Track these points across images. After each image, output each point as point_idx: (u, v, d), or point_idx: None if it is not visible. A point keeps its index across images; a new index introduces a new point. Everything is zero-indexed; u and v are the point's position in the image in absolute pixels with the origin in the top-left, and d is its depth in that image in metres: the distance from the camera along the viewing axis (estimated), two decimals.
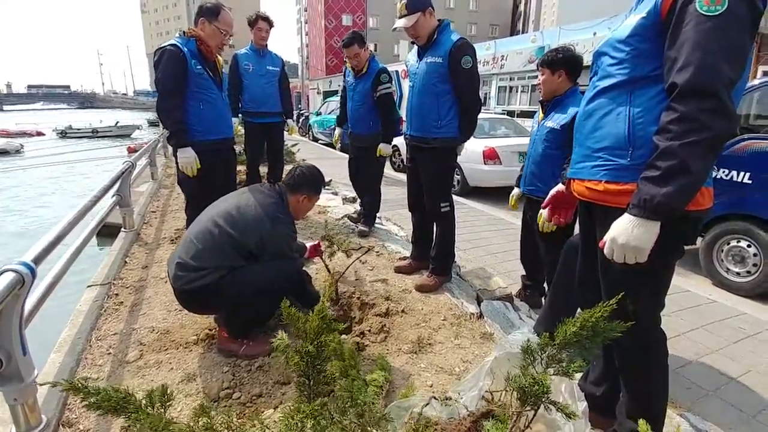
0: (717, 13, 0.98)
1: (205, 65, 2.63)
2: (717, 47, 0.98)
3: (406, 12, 2.37)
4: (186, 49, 2.53)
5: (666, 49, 1.07)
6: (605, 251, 1.14)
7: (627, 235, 1.07)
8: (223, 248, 1.88)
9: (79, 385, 0.88)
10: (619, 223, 1.10)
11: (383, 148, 3.51)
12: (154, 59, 2.56)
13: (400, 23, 2.41)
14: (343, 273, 2.62)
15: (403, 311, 2.38)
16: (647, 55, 1.13)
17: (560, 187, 1.74)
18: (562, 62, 2.26)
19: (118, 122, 28.81)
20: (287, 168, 3.19)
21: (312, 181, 2.16)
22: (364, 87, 3.50)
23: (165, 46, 2.54)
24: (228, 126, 2.88)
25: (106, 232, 4.03)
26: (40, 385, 1.28)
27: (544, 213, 1.92)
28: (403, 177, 2.90)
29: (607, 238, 1.13)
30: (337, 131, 4.12)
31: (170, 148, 2.80)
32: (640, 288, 1.23)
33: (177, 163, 2.64)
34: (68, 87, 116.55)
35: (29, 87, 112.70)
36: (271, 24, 4.01)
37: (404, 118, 2.84)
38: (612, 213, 1.17)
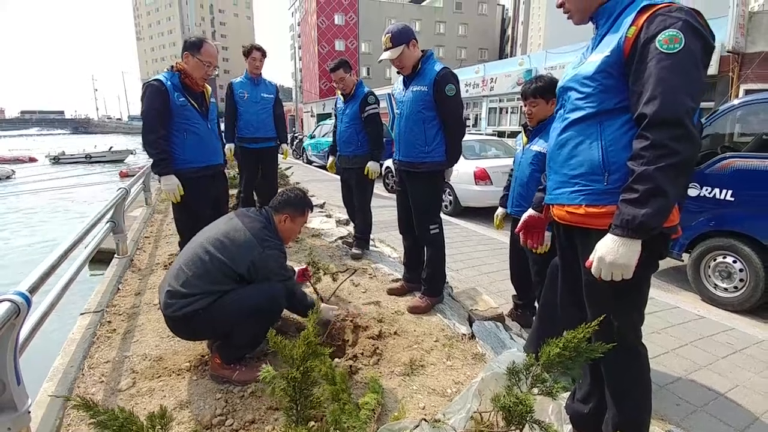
0: (675, 51, 1.09)
1: (190, 96, 2.74)
2: (678, 81, 1.09)
3: (391, 45, 2.49)
4: (169, 83, 2.67)
5: (631, 84, 1.18)
6: (593, 271, 1.20)
7: (614, 254, 1.14)
8: (213, 274, 1.90)
9: (89, 402, 0.91)
10: (604, 243, 1.17)
11: (371, 167, 3.59)
12: (141, 94, 2.71)
13: (385, 55, 2.53)
14: (330, 297, 2.64)
15: (395, 333, 2.41)
16: (613, 89, 1.23)
17: (531, 212, 1.81)
18: (554, 90, 2.34)
19: (111, 147, 28.81)
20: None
21: (294, 202, 2.21)
22: (352, 109, 3.64)
23: (149, 81, 2.68)
24: (214, 153, 2.96)
25: (98, 258, 4.03)
26: (52, 396, 1.28)
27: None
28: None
29: (594, 258, 1.20)
30: (331, 159, 4.17)
31: None
32: (623, 304, 1.30)
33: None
34: (62, 113, 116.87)
35: (22, 113, 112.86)
36: (264, 54, 4.17)
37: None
38: (593, 234, 1.24)
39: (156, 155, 2.67)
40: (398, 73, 2.67)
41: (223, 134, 3.95)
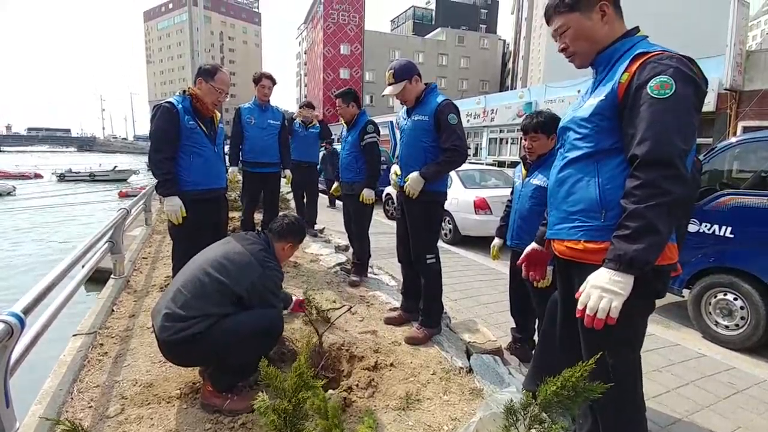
0: (666, 96, 1.14)
1: (200, 120, 2.79)
2: (669, 124, 1.13)
3: (393, 81, 2.58)
4: (181, 106, 2.72)
5: (624, 126, 1.22)
6: (582, 298, 1.20)
7: (605, 281, 1.15)
8: (212, 296, 1.89)
9: (78, 428, 0.88)
10: (597, 273, 1.19)
11: (365, 193, 3.62)
12: (151, 114, 2.75)
13: (387, 90, 2.63)
14: (325, 331, 2.58)
15: (391, 364, 2.36)
16: (608, 130, 1.27)
17: (534, 245, 1.82)
18: (554, 126, 2.38)
19: (116, 167, 29.10)
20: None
21: (298, 231, 2.28)
22: (353, 137, 3.72)
23: (161, 103, 2.74)
24: (218, 177, 2.99)
25: (94, 276, 4.01)
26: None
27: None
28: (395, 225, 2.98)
29: (584, 285, 1.21)
30: (336, 185, 4.22)
31: None
32: (617, 341, 1.29)
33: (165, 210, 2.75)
34: (69, 131, 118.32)
35: (29, 129, 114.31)
36: (274, 82, 4.31)
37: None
38: (590, 269, 1.24)
39: (161, 175, 2.69)
40: (402, 104, 2.74)
41: (227, 156, 4.01)
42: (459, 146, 2.55)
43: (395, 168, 2.86)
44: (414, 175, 2.58)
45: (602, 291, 1.15)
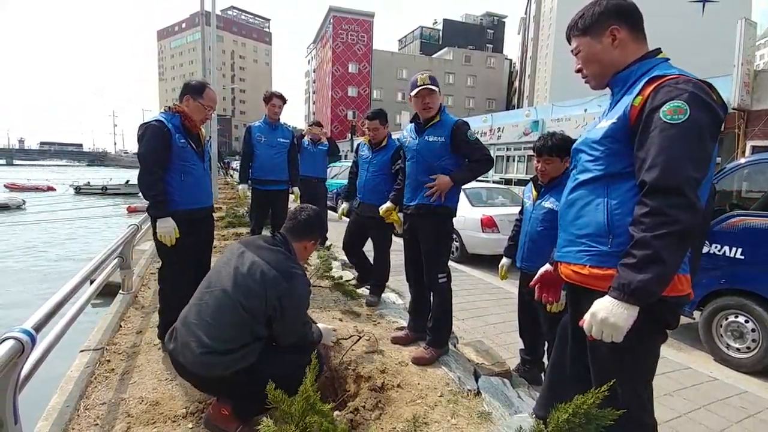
0: (679, 121, 1.11)
1: (189, 138, 2.74)
2: (680, 151, 1.10)
3: (429, 83, 2.55)
4: (170, 125, 2.64)
5: (636, 150, 1.19)
6: (585, 326, 1.19)
7: (606, 312, 1.12)
8: (243, 320, 1.78)
9: None
10: (600, 301, 1.16)
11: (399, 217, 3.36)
12: (138, 134, 2.63)
13: (424, 90, 2.54)
14: (339, 363, 2.56)
15: (398, 385, 2.34)
16: (620, 154, 1.25)
17: (548, 267, 1.79)
18: (567, 148, 2.37)
19: (128, 181, 29.47)
20: None
21: (319, 225, 2.13)
22: (383, 159, 3.62)
23: (149, 122, 2.64)
24: (208, 195, 2.95)
25: (103, 290, 4.03)
26: None
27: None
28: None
29: (587, 314, 1.18)
30: (345, 205, 4.12)
31: None
32: (626, 372, 1.25)
33: (155, 232, 2.63)
34: (80, 145, 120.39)
35: (42, 144, 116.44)
36: (284, 101, 4.38)
37: None
38: (596, 295, 1.22)
39: (153, 197, 2.59)
40: (411, 121, 2.76)
41: (237, 173, 4.02)
42: (488, 156, 2.63)
43: (386, 206, 3.07)
44: (444, 177, 2.56)
45: (602, 324, 1.13)
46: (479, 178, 3.80)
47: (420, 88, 2.55)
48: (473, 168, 2.61)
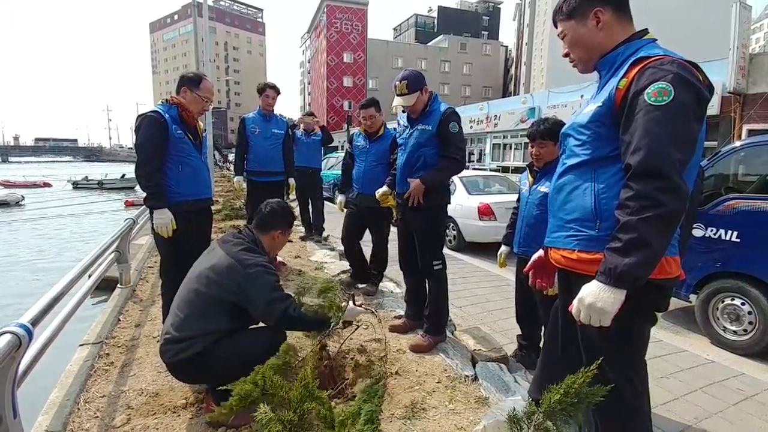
0: (664, 103, 1.10)
1: (186, 129, 2.72)
2: (665, 133, 1.09)
3: (407, 91, 2.53)
4: (168, 116, 2.62)
5: (621, 134, 1.19)
6: (573, 311, 1.20)
7: (594, 297, 1.13)
8: (207, 312, 1.88)
9: None
10: (588, 286, 1.17)
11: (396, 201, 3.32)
12: (135, 125, 2.63)
13: (400, 101, 2.56)
14: (337, 352, 2.55)
15: (397, 373, 2.36)
16: (606, 138, 1.24)
17: (541, 252, 1.79)
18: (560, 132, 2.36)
19: (124, 175, 29.34)
20: None
21: (282, 216, 2.19)
22: (380, 149, 3.57)
23: (147, 113, 2.62)
24: (206, 186, 2.93)
25: (101, 284, 4.02)
26: None
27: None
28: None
29: (575, 299, 1.19)
30: (341, 198, 4.09)
31: None
32: (613, 353, 1.26)
33: (152, 224, 2.62)
34: (75, 141, 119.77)
35: (37, 140, 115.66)
36: (278, 92, 4.33)
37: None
38: (586, 280, 1.22)
39: (151, 188, 2.58)
40: (403, 111, 2.74)
41: (232, 165, 3.99)
42: (458, 157, 2.59)
43: (382, 190, 3.02)
44: (415, 181, 2.58)
45: (589, 309, 1.13)
46: (476, 167, 3.78)
47: (400, 101, 2.58)
48: (441, 169, 2.61)
